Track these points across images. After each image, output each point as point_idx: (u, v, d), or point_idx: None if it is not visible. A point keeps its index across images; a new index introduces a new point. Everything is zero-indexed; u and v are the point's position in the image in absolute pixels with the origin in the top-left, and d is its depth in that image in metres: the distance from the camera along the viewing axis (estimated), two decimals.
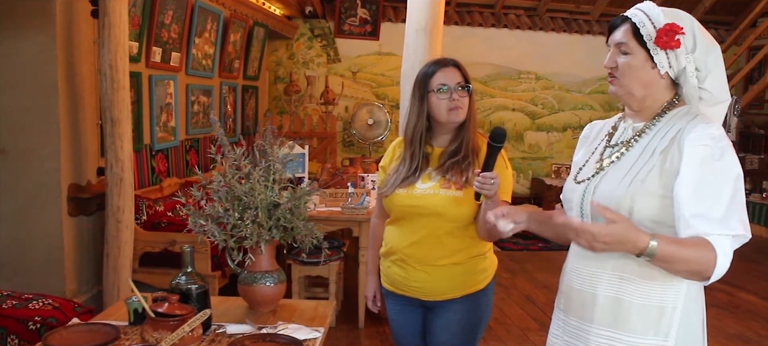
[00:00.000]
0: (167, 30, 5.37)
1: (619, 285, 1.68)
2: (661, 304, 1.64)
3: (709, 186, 1.55)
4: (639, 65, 1.68)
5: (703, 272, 1.55)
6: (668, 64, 1.67)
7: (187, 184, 5.76)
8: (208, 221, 2.14)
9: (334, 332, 4.51)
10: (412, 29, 4.13)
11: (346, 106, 9.16)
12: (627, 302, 1.66)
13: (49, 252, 4.18)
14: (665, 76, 1.69)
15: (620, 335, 1.67)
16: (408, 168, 2.38)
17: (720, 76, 1.68)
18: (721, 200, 1.54)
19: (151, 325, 1.85)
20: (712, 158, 1.57)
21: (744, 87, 9.39)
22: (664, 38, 1.63)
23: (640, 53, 1.68)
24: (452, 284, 2.37)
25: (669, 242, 1.54)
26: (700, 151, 1.58)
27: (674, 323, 1.63)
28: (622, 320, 1.67)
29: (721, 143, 1.59)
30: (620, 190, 1.67)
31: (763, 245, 8.09)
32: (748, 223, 1.56)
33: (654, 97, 1.72)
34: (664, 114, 1.72)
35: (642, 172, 1.66)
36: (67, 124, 4.14)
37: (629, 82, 1.71)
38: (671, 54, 1.65)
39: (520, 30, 9.40)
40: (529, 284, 5.82)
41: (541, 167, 9.65)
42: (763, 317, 5.22)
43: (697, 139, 1.60)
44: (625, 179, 1.68)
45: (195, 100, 6.26)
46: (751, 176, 9.11)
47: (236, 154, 2.17)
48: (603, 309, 1.70)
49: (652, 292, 1.64)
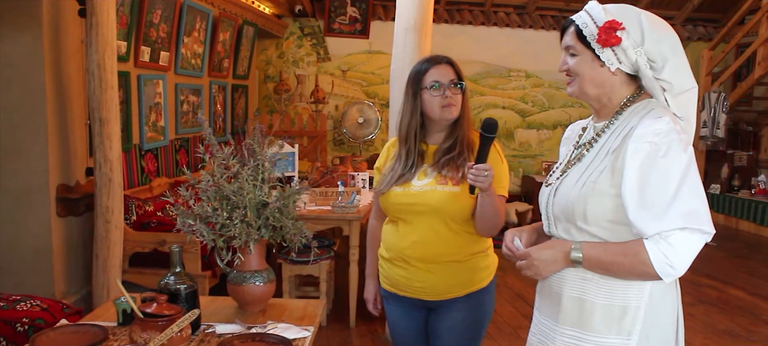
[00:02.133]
0: (156, 29, 5.35)
1: (582, 285, 1.68)
2: (623, 304, 1.63)
3: (650, 185, 1.53)
4: (587, 66, 1.68)
5: (641, 271, 1.56)
6: (617, 61, 1.64)
7: (176, 184, 5.74)
8: (197, 221, 2.13)
9: (325, 332, 4.50)
10: (402, 27, 4.13)
11: (336, 105, 9.16)
12: (590, 302, 1.67)
13: (38, 253, 4.15)
14: (618, 72, 1.67)
15: (584, 335, 1.67)
16: (403, 165, 2.36)
17: (679, 65, 1.64)
18: (662, 197, 1.52)
19: (140, 325, 1.84)
20: (655, 155, 1.54)
21: (732, 84, 9.45)
22: (603, 36, 1.63)
23: (586, 54, 1.67)
24: (455, 282, 2.35)
25: (593, 247, 1.60)
26: (643, 149, 1.55)
27: (637, 323, 1.62)
28: (586, 319, 1.67)
29: (668, 138, 1.54)
30: (574, 192, 1.68)
31: (751, 241, 8.14)
32: (701, 216, 1.52)
33: (610, 95, 1.71)
34: (622, 112, 1.69)
35: (594, 173, 1.66)
36: (55, 125, 4.12)
37: (582, 83, 1.71)
38: (618, 50, 1.63)
39: (509, 28, 9.42)
40: (520, 282, 5.83)
41: (532, 165, 9.68)
42: (752, 313, 5.25)
43: (639, 137, 1.57)
44: (579, 181, 1.69)
45: (184, 99, 6.24)
46: (740, 172, 9.16)
47: (225, 153, 2.16)
48: (567, 309, 1.72)
49: (615, 292, 1.64)
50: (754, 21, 8.60)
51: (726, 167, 9.18)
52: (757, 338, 4.67)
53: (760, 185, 8.64)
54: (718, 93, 8.76)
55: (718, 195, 9.11)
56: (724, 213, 9.00)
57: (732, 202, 8.85)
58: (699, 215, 1.52)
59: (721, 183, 9.18)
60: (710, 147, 8.94)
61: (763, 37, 8.33)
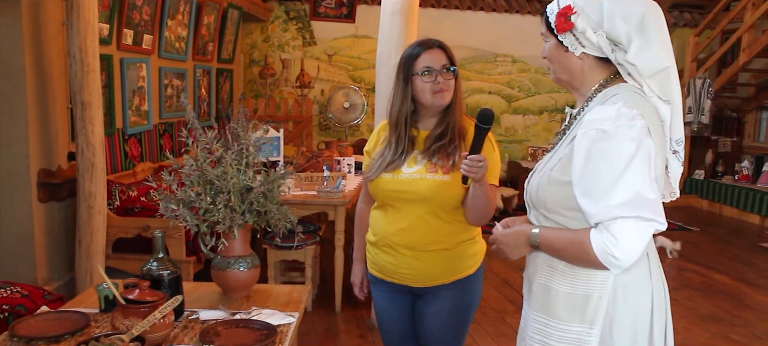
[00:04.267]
0: (139, 12, 5.28)
1: (550, 273, 1.69)
2: (585, 293, 1.62)
3: (591, 172, 1.52)
4: (555, 52, 1.71)
5: (586, 260, 1.56)
6: (580, 45, 1.63)
7: (160, 168, 5.68)
8: (180, 206, 2.10)
9: (310, 317, 4.49)
10: (388, 11, 4.09)
11: (321, 90, 9.11)
12: (554, 289, 1.68)
13: (19, 239, 4.10)
14: (584, 56, 1.65)
15: (549, 321, 1.69)
16: (393, 152, 2.33)
17: (646, 44, 1.57)
18: (603, 185, 1.50)
19: (122, 312, 1.81)
20: (599, 141, 1.51)
21: (717, 70, 9.50)
22: (557, 22, 1.65)
23: (552, 40, 1.70)
24: (441, 269, 2.34)
25: (550, 232, 1.63)
26: (589, 135, 1.54)
27: (600, 313, 1.61)
28: (552, 307, 1.68)
29: (615, 124, 1.51)
30: (537, 180, 1.71)
31: (735, 226, 8.22)
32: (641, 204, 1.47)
33: (581, 79, 1.69)
34: (593, 98, 1.67)
35: (553, 160, 1.68)
36: (36, 109, 4.05)
37: (554, 69, 1.74)
38: (577, 34, 1.62)
39: (496, 13, 9.39)
40: (505, 267, 5.85)
41: (518, 150, 9.69)
42: (735, 298, 5.30)
43: (588, 123, 1.56)
44: (545, 167, 1.70)
45: (168, 83, 6.17)
46: (724, 158, 9.24)
47: (208, 137, 2.13)
48: (537, 296, 1.74)
49: (578, 281, 1.63)
50: (739, 7, 8.63)
51: (710, 153, 9.25)
52: (740, 323, 4.72)
53: (743, 171, 8.72)
54: (703, 79, 8.80)
55: (702, 181, 9.18)
56: (707, 199, 9.07)
57: (716, 187, 8.92)
58: (639, 203, 1.47)
59: (705, 169, 9.25)
60: (695, 133, 8.99)
61: (748, 24, 8.37)
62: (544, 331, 1.70)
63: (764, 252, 6.89)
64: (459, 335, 2.45)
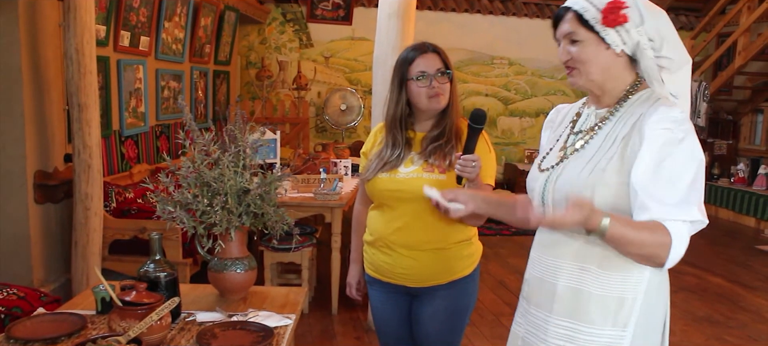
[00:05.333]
0: (136, 13, 5.27)
1: (580, 276, 1.65)
2: (620, 295, 1.60)
3: (668, 169, 1.52)
4: (593, 50, 1.64)
5: (656, 256, 1.53)
6: (622, 42, 1.62)
7: (157, 170, 5.63)
8: (177, 208, 2.10)
9: (307, 319, 4.50)
10: (385, 14, 4.10)
11: (318, 92, 9.11)
12: (586, 292, 1.63)
13: (16, 241, 4.09)
14: (622, 54, 1.64)
15: (578, 326, 1.64)
16: (390, 152, 2.35)
17: (675, 40, 1.64)
18: (679, 184, 1.51)
19: (119, 314, 1.81)
20: (674, 142, 1.52)
21: (713, 73, 9.52)
22: (610, 17, 1.59)
23: (590, 38, 1.64)
24: (438, 269, 2.35)
25: (623, 222, 1.52)
26: (661, 134, 1.54)
27: (634, 315, 1.59)
28: (582, 311, 1.63)
29: (684, 126, 1.54)
30: (581, 179, 1.63)
31: (730, 228, 8.23)
32: (704, 209, 1.54)
33: (615, 79, 1.68)
34: (627, 99, 1.67)
35: (603, 160, 1.62)
36: (32, 110, 4.05)
37: (587, 70, 1.66)
38: (621, 30, 1.61)
39: (493, 15, 9.41)
40: (502, 269, 5.86)
41: (514, 153, 9.71)
42: (731, 300, 5.32)
43: (658, 122, 1.55)
44: (586, 167, 1.65)
45: (165, 85, 6.17)
46: (720, 161, 9.26)
47: (205, 139, 2.13)
48: (562, 300, 1.67)
49: (612, 283, 1.60)
50: (735, 11, 8.65)
51: (706, 156, 9.27)
52: (735, 325, 4.73)
53: (739, 174, 8.74)
54: (699, 82, 8.82)
55: None
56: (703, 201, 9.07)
57: (712, 190, 8.94)
58: (703, 208, 1.54)
59: None
60: None
61: (744, 27, 8.39)
62: (570, 336, 1.65)
63: (760, 254, 6.91)
64: (455, 337, 2.46)
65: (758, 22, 8.58)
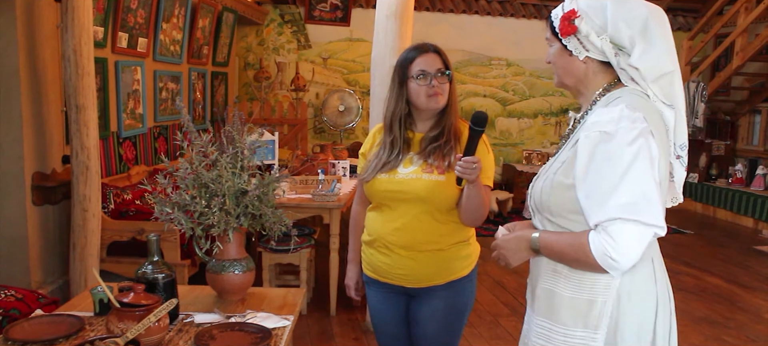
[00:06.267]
0: (133, 15, 5.27)
1: (554, 278, 1.69)
2: (590, 297, 1.62)
3: (593, 173, 1.52)
4: (559, 56, 1.70)
5: (585, 262, 1.55)
6: (584, 49, 1.63)
7: (155, 171, 5.65)
8: (175, 209, 2.10)
9: (305, 320, 4.49)
10: (383, 15, 4.10)
11: (316, 93, 9.11)
12: (559, 294, 1.67)
13: (13, 242, 4.09)
14: (588, 60, 1.65)
15: (553, 326, 1.68)
16: (389, 153, 2.36)
17: (650, 48, 1.57)
18: (604, 186, 1.49)
19: (117, 315, 1.81)
20: (601, 143, 1.51)
21: (711, 74, 9.53)
22: (562, 26, 1.64)
23: (556, 44, 1.69)
24: (436, 270, 2.35)
25: (550, 235, 1.63)
26: (591, 137, 1.53)
27: (604, 318, 1.60)
28: (555, 312, 1.68)
29: (617, 126, 1.50)
30: (546, 185, 1.68)
31: (728, 229, 8.24)
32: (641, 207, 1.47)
33: (586, 84, 1.69)
34: (598, 101, 1.66)
35: (557, 164, 1.68)
36: (30, 111, 4.05)
37: (559, 74, 1.73)
38: (581, 38, 1.62)
39: (490, 16, 9.41)
40: (500, 270, 5.86)
41: (512, 153, 9.71)
42: (729, 300, 5.32)
43: (590, 125, 1.55)
44: (548, 172, 1.70)
45: (163, 86, 6.17)
46: (718, 161, 9.26)
47: (203, 140, 2.13)
48: (540, 300, 1.74)
49: (583, 286, 1.63)
50: (733, 11, 8.66)
51: (704, 156, 9.28)
52: (733, 325, 4.73)
53: (737, 174, 8.74)
54: (697, 83, 8.83)
55: (696, 184, 9.20)
56: (701, 202, 9.10)
57: (709, 191, 8.95)
58: (640, 205, 1.47)
59: (699, 172, 9.28)
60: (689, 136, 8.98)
61: (741, 28, 8.40)
62: (547, 335, 1.69)
63: (758, 255, 6.91)
64: (453, 337, 2.46)
65: (756, 23, 8.59)
